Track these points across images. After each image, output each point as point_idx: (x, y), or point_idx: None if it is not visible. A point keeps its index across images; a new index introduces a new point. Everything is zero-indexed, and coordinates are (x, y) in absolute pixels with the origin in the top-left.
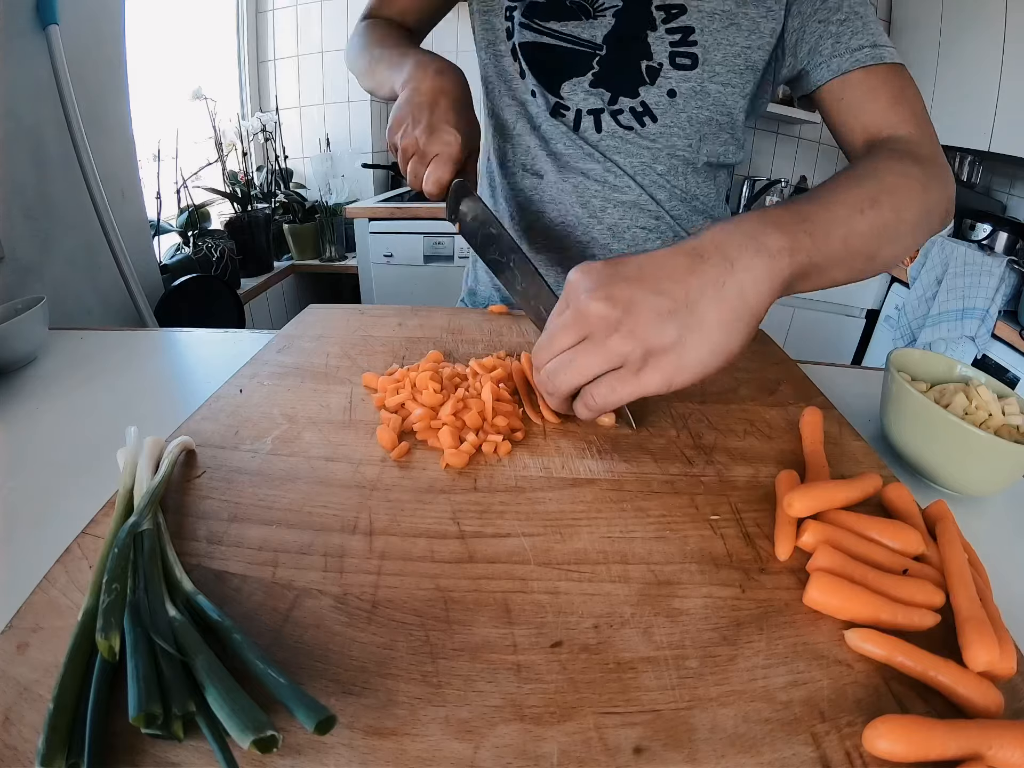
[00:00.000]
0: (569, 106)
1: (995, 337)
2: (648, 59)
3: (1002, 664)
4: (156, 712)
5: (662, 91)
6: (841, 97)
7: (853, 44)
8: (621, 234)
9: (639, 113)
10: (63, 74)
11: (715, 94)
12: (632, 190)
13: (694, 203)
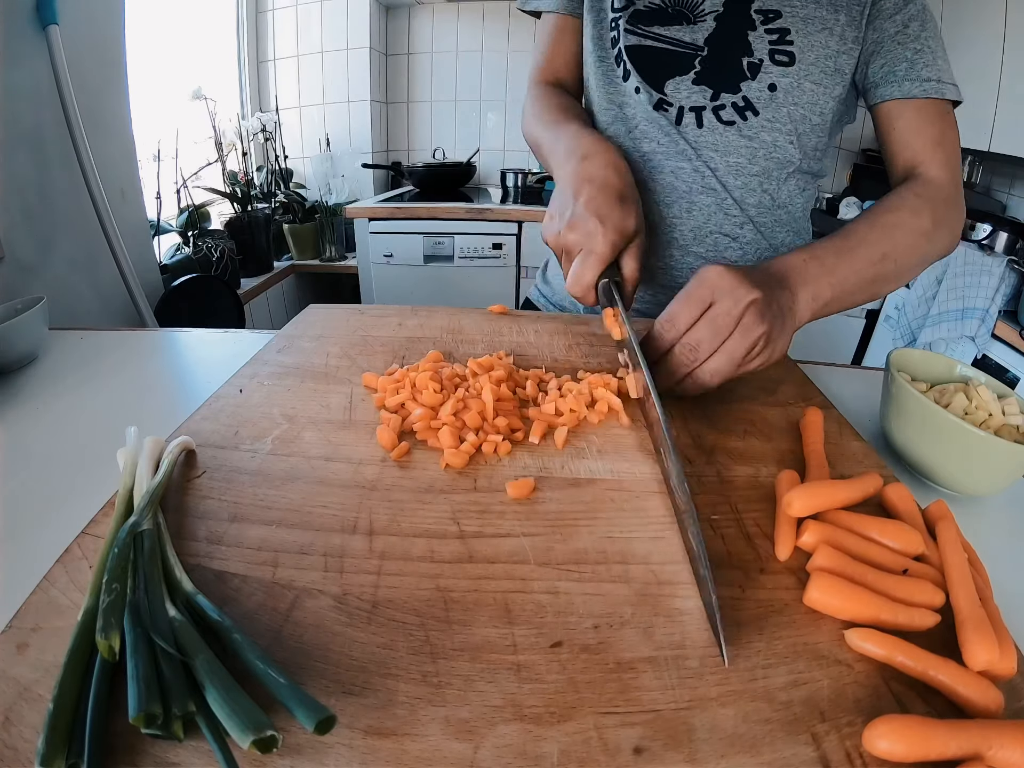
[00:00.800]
0: (672, 102)
1: (995, 337)
2: (749, 56)
3: (1002, 664)
4: (156, 712)
5: (763, 85)
6: (895, 121)
7: (924, 74)
8: (703, 238)
9: (741, 108)
10: (63, 74)
11: (810, 92)
12: (719, 193)
13: (781, 212)
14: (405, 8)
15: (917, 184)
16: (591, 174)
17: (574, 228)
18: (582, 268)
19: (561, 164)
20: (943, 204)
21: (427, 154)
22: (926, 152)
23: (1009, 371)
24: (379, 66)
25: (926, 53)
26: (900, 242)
